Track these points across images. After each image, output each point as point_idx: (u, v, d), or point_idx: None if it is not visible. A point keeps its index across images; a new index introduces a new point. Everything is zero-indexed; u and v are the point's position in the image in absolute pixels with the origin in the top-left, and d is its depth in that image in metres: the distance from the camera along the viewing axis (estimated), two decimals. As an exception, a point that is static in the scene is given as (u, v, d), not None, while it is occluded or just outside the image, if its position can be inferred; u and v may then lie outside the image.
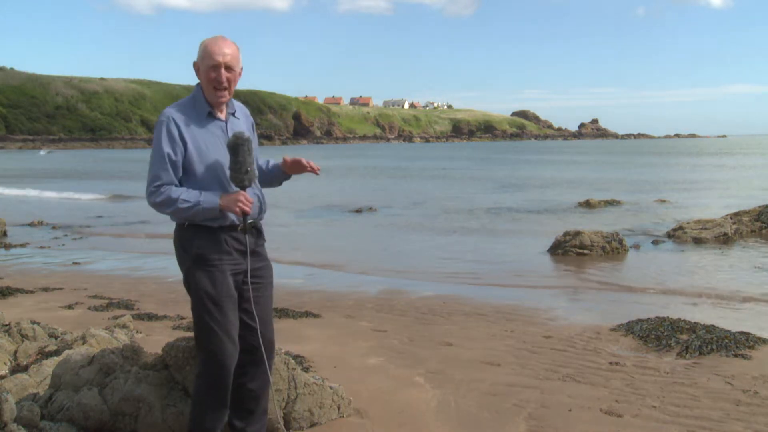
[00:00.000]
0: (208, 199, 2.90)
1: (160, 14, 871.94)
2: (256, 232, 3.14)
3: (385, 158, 64.86)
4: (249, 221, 3.04)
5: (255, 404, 3.20)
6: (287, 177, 3.34)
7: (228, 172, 2.98)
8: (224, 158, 2.99)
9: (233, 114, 3.15)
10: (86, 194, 24.41)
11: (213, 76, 2.97)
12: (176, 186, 2.93)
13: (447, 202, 20.89)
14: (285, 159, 3.28)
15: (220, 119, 3.07)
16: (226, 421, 3.15)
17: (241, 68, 3.08)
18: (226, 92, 3.03)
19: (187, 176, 2.97)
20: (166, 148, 2.90)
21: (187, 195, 2.89)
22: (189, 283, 3.02)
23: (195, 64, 3.05)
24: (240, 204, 2.92)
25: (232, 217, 2.99)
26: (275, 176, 3.32)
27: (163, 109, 3.00)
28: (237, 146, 2.92)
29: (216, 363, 2.97)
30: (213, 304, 2.95)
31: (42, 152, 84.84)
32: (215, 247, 2.97)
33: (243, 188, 2.97)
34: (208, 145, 2.99)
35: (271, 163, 3.35)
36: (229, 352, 2.99)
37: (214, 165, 2.99)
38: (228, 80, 3.00)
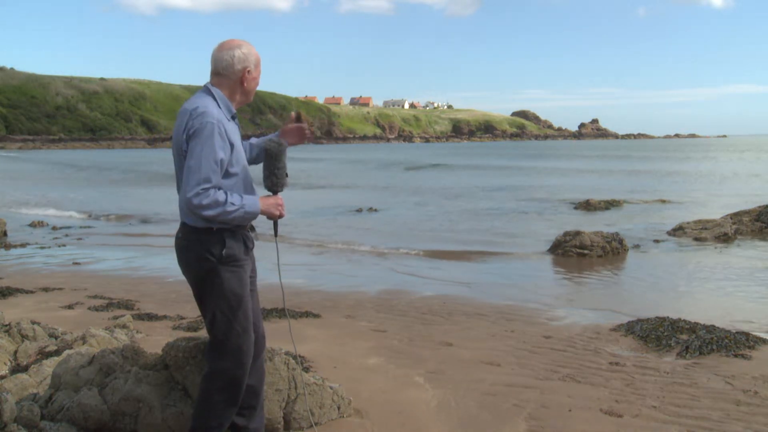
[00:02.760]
0: (250, 202, 2.94)
1: (161, 14, 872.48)
2: (251, 228, 3.20)
3: (385, 160, 64.65)
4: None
5: (256, 400, 3.24)
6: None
7: (260, 176, 3.07)
8: (245, 160, 3.10)
9: None
10: (57, 210, 18.97)
11: (258, 82, 3.13)
12: (220, 189, 2.88)
13: (447, 202, 20.89)
14: (289, 122, 3.35)
15: (236, 122, 3.14)
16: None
17: None
18: None
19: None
20: (220, 153, 2.85)
21: (232, 198, 2.88)
22: (211, 284, 2.96)
23: (246, 69, 3.02)
24: (280, 208, 3.06)
25: None
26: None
27: (202, 111, 2.86)
28: (281, 152, 3.07)
29: (239, 361, 3.01)
30: (239, 302, 3.00)
31: None
32: (242, 248, 3.02)
33: (276, 192, 3.10)
34: (238, 148, 3.03)
35: (255, 139, 3.38)
36: (252, 350, 3.07)
37: (245, 167, 3.07)
38: None
